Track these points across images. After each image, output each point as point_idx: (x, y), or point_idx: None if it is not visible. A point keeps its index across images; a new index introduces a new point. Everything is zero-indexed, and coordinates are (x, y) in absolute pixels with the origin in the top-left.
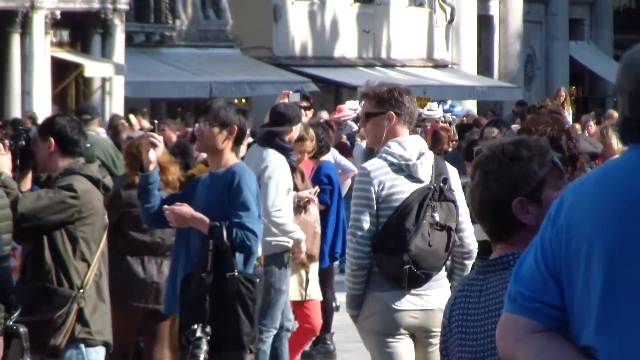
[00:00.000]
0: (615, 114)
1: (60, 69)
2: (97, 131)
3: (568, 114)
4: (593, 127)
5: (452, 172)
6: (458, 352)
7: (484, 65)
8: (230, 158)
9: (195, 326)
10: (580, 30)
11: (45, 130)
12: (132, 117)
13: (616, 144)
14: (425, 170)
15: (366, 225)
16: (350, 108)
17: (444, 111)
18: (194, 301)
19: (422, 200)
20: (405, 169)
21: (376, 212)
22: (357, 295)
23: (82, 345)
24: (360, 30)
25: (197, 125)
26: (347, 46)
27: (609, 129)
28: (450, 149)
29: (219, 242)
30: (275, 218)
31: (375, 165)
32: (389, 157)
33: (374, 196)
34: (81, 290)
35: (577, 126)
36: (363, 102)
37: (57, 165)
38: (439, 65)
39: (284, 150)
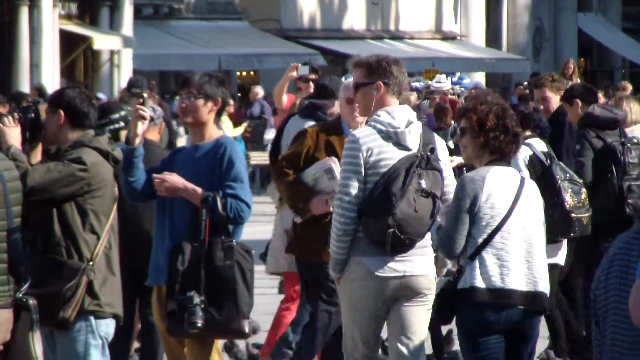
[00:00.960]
0: (629, 86)
1: (69, 41)
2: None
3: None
4: (602, 99)
5: (440, 143)
6: (614, 308)
7: (493, 37)
8: (214, 130)
9: (192, 293)
10: (588, 2)
11: (55, 103)
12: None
13: (631, 114)
14: (413, 139)
15: (353, 191)
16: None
17: (453, 83)
18: (187, 270)
19: (408, 166)
20: (393, 137)
21: (364, 178)
22: (341, 259)
23: (92, 318)
24: (368, 3)
25: (177, 98)
26: (355, 18)
27: (623, 100)
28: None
29: (213, 213)
30: None
31: (364, 132)
32: (378, 125)
33: (362, 162)
34: (90, 263)
35: (601, 95)
36: (353, 72)
37: (67, 138)
38: (448, 37)
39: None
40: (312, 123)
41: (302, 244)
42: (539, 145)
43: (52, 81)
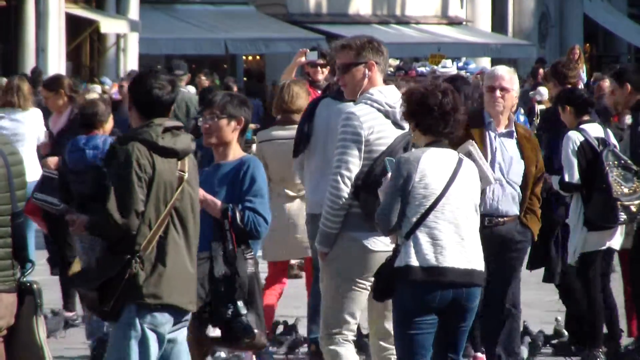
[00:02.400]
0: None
1: (75, 25)
2: (187, 88)
3: (583, 72)
4: (607, 82)
5: None
6: None
7: (498, 23)
8: (237, 149)
9: (240, 302)
10: None
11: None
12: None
13: None
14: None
15: (354, 168)
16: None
17: (458, 68)
18: (229, 276)
19: (405, 145)
20: (391, 116)
21: (362, 155)
22: (332, 233)
23: (134, 309)
24: None
25: (200, 119)
26: (361, 3)
27: None
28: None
29: (232, 224)
30: None
31: (363, 110)
32: (375, 104)
33: (363, 139)
34: (138, 255)
35: (607, 83)
36: (340, 54)
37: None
38: (454, 22)
39: None
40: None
41: None
42: (593, 131)
43: (57, 65)
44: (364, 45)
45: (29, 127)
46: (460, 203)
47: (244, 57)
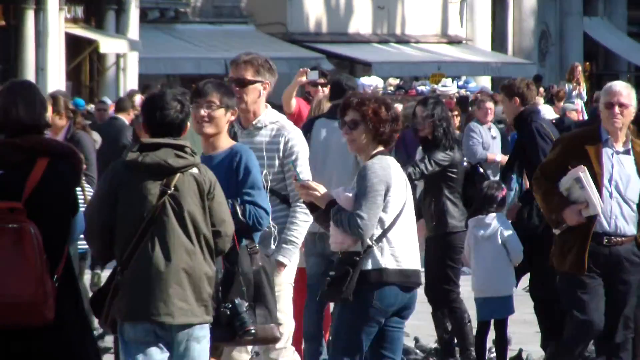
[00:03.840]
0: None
1: (75, 45)
2: None
3: (583, 90)
4: None
5: None
6: None
7: (498, 41)
8: (227, 139)
9: (238, 300)
10: (594, 6)
11: None
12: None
13: None
14: None
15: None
16: (365, 84)
17: (458, 87)
18: (225, 277)
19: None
20: None
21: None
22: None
23: (119, 323)
24: (374, 6)
25: (191, 108)
26: (361, 22)
27: None
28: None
29: (234, 220)
30: None
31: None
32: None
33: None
34: (119, 267)
35: None
36: (239, 69)
37: None
38: (453, 41)
39: None
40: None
41: (559, 255)
42: None
43: (57, 84)
44: (264, 64)
45: None
46: (411, 205)
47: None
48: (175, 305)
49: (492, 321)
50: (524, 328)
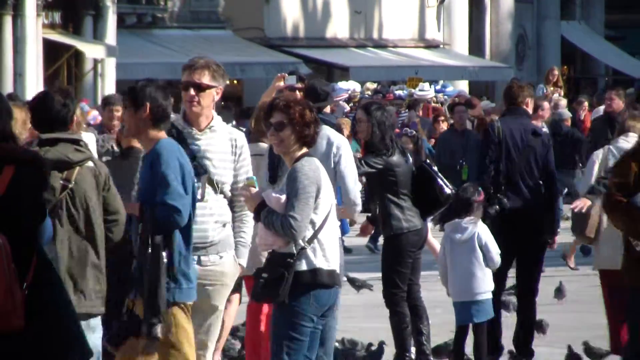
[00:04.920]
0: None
1: (53, 50)
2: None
3: (560, 94)
4: (586, 108)
5: None
6: None
7: (476, 45)
8: (152, 138)
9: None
10: (571, 10)
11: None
12: None
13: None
14: None
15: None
16: (342, 88)
17: (436, 91)
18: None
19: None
20: None
21: None
22: None
23: None
24: (351, 11)
25: None
26: (338, 27)
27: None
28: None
29: (146, 223)
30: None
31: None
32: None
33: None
34: None
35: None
36: (196, 73)
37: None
38: (431, 45)
39: (332, 126)
40: (325, 127)
41: (637, 271)
42: None
43: (35, 90)
44: (218, 69)
45: None
46: (335, 207)
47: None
48: (71, 296)
49: (470, 325)
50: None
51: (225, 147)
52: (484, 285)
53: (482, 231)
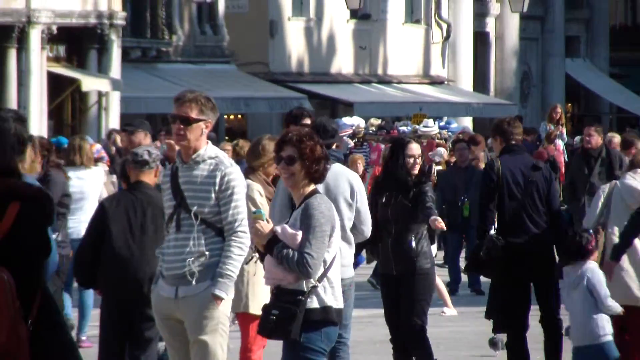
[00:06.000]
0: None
1: (57, 84)
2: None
3: (562, 132)
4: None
5: None
6: None
7: (480, 82)
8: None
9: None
10: (576, 48)
11: None
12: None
13: None
14: None
15: None
16: (347, 124)
17: (440, 128)
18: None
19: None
20: None
21: None
22: None
23: None
24: (356, 47)
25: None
26: (343, 62)
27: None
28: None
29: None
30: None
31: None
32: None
33: None
34: None
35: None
36: (183, 107)
37: None
38: (435, 81)
39: (341, 162)
40: (336, 164)
41: None
42: None
43: (39, 123)
44: (207, 103)
45: (93, 185)
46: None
47: (225, 116)
48: None
49: None
50: None
51: (206, 177)
52: (598, 328)
53: (592, 275)
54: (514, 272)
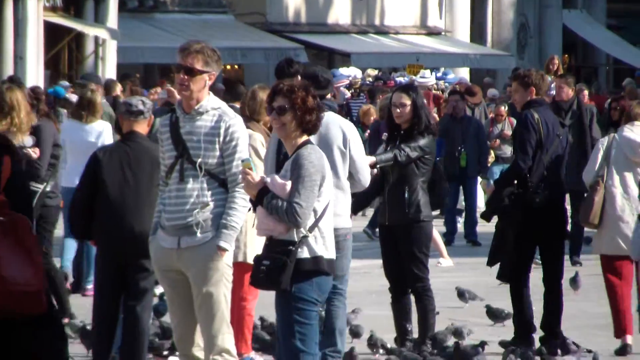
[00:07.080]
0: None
1: (53, 33)
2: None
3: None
4: (586, 96)
5: None
6: None
7: (477, 33)
8: None
9: None
10: None
11: None
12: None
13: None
14: None
15: None
16: (343, 75)
17: (437, 78)
18: None
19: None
20: None
21: None
22: None
23: None
24: None
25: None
26: (340, 13)
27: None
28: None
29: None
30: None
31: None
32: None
33: None
34: None
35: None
36: (189, 58)
37: None
38: (432, 32)
39: (336, 112)
40: (330, 113)
41: None
42: None
43: (36, 73)
44: (212, 55)
45: (98, 138)
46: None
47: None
48: None
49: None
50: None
51: (210, 129)
52: None
53: None
54: (541, 226)
